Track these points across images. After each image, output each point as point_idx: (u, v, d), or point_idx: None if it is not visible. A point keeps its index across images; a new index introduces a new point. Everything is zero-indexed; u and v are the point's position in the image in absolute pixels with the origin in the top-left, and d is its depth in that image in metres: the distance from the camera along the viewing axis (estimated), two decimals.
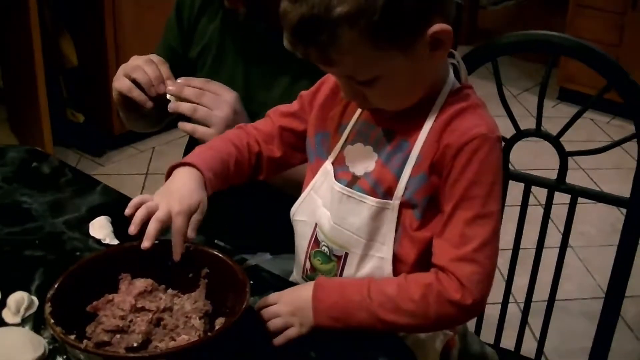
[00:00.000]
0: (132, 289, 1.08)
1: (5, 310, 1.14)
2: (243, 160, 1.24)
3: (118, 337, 1.04)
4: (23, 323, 1.13)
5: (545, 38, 1.47)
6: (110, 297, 1.08)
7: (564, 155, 1.52)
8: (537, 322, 1.66)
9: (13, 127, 3.40)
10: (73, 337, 0.99)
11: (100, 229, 1.34)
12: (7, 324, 1.13)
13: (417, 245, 1.12)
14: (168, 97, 1.40)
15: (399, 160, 1.11)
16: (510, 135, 1.52)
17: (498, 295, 1.63)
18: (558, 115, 3.75)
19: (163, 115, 1.46)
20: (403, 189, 1.10)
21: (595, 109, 3.89)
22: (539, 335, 1.63)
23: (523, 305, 1.63)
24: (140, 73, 1.40)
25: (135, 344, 1.03)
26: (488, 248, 1.07)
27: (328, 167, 1.19)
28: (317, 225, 1.19)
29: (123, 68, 1.43)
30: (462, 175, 1.06)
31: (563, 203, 1.54)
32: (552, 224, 1.60)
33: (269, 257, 1.52)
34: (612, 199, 1.52)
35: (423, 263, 1.12)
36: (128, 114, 1.53)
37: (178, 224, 1.09)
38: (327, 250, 1.18)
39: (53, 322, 0.98)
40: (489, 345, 1.53)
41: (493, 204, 1.08)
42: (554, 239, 1.59)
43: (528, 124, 1.54)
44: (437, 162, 1.08)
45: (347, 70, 1.06)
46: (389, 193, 1.11)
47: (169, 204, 1.10)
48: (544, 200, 1.55)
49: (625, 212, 1.47)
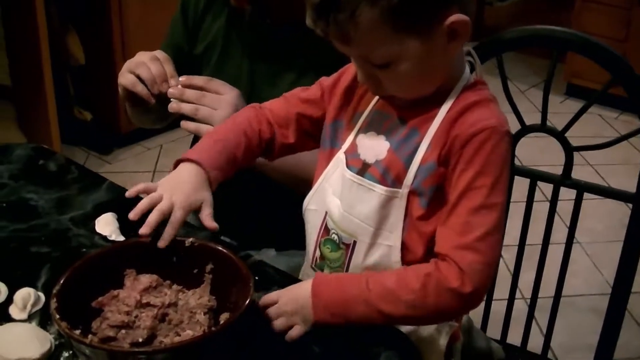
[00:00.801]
0: (137, 285, 1.09)
1: (12, 307, 1.15)
2: (252, 148, 1.25)
3: (123, 332, 1.04)
4: (29, 319, 1.14)
5: (550, 33, 1.47)
6: (116, 292, 1.09)
7: (570, 151, 1.51)
8: (543, 317, 1.66)
9: (21, 125, 3.41)
10: (78, 332, 0.99)
11: (106, 226, 1.34)
12: (13, 320, 1.13)
13: (423, 237, 1.13)
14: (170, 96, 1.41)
15: (409, 149, 1.12)
16: (516, 131, 1.52)
17: (504, 291, 1.63)
18: (565, 111, 3.74)
19: (167, 112, 1.46)
20: (412, 178, 1.11)
21: (603, 105, 3.88)
22: (546, 331, 1.63)
23: (529, 301, 1.63)
24: (144, 70, 1.40)
25: (141, 339, 1.03)
26: (491, 238, 1.07)
27: (341, 156, 1.20)
28: (327, 214, 1.21)
29: (128, 63, 1.43)
30: (469, 165, 1.07)
31: (569, 199, 1.54)
32: (559, 220, 1.60)
33: (274, 253, 1.53)
34: (618, 194, 1.52)
35: (431, 250, 1.12)
36: (133, 109, 1.53)
37: (177, 217, 1.12)
38: (336, 238, 1.19)
39: (58, 317, 0.99)
40: (495, 341, 1.53)
41: (498, 196, 1.08)
42: (561, 235, 1.59)
43: (535, 120, 1.54)
44: (446, 152, 1.09)
45: (363, 50, 1.08)
46: (398, 181, 1.12)
47: (172, 198, 1.13)
48: (550, 196, 1.55)
49: (632, 207, 1.47)
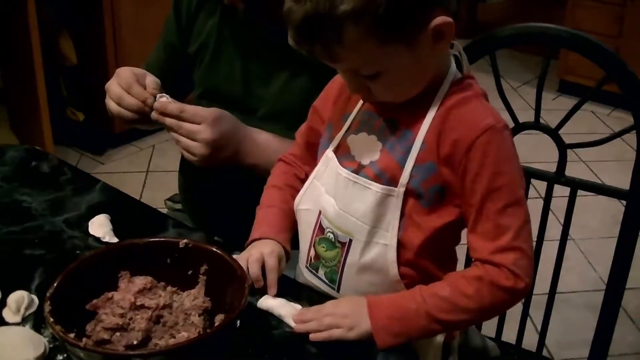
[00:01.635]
0: (131, 287, 1.09)
1: (6, 310, 1.14)
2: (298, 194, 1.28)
3: (118, 334, 1.04)
4: (23, 322, 1.13)
5: (543, 30, 1.47)
6: (110, 295, 1.08)
7: (563, 148, 1.51)
8: (538, 314, 1.66)
9: (13, 126, 3.40)
10: (73, 335, 0.98)
11: (100, 227, 1.34)
12: (7, 323, 1.13)
13: (424, 232, 1.13)
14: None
15: (403, 149, 1.12)
16: (510, 129, 1.52)
17: None
18: (558, 108, 3.74)
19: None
20: (408, 177, 1.11)
21: (596, 101, 3.88)
22: (541, 328, 1.63)
23: (524, 298, 1.63)
24: (125, 103, 1.40)
25: (135, 342, 1.03)
26: (524, 232, 1.10)
27: (329, 154, 1.21)
28: (321, 212, 1.21)
29: (108, 91, 1.43)
30: (482, 169, 1.08)
31: (563, 196, 1.54)
32: (553, 217, 1.60)
33: None
34: (611, 191, 1.52)
35: (427, 249, 1.14)
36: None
37: (271, 263, 1.18)
38: (332, 237, 1.19)
39: (52, 320, 0.98)
40: (490, 339, 1.53)
41: (519, 190, 1.11)
42: (555, 232, 1.59)
43: (528, 117, 1.54)
44: (448, 155, 1.10)
45: (352, 65, 1.08)
46: (394, 180, 1.12)
47: (261, 249, 1.20)
48: (544, 193, 1.55)
49: (625, 204, 1.47)
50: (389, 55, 1.05)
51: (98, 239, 1.31)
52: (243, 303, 1.01)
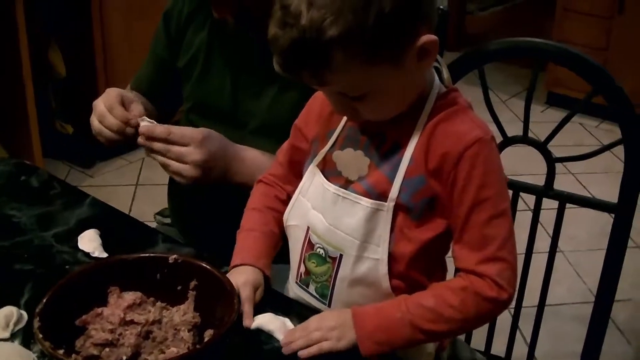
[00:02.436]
0: (121, 302, 1.08)
1: None
2: (280, 217, 1.27)
3: (107, 350, 1.04)
4: (12, 338, 1.13)
5: (530, 45, 1.48)
6: (99, 310, 1.08)
7: (551, 162, 1.52)
8: (528, 327, 1.67)
9: (2, 139, 3.38)
10: (62, 351, 0.98)
11: (89, 242, 1.33)
12: None
13: (414, 245, 1.14)
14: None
15: (391, 164, 1.13)
16: (498, 142, 1.53)
17: None
18: (547, 120, 3.72)
19: None
20: (397, 191, 1.12)
21: (584, 113, 3.90)
22: (530, 340, 1.64)
23: (513, 311, 1.63)
24: (106, 122, 1.40)
25: (125, 357, 1.03)
26: (509, 243, 1.11)
27: (313, 170, 1.21)
28: (309, 228, 1.20)
29: (94, 108, 1.43)
30: (469, 181, 1.09)
31: (552, 208, 1.54)
32: (542, 229, 1.61)
33: None
34: (599, 204, 1.53)
35: (418, 261, 1.14)
36: None
37: (244, 295, 1.16)
38: (322, 252, 1.18)
39: (42, 336, 0.98)
40: (479, 352, 1.53)
41: (504, 202, 1.12)
42: (545, 244, 1.60)
43: (517, 129, 1.55)
44: (436, 169, 1.10)
45: (339, 88, 1.08)
46: (383, 195, 1.13)
47: (236, 279, 1.16)
48: (533, 206, 1.55)
49: (614, 217, 1.48)
50: (376, 76, 1.05)
51: (87, 254, 1.31)
52: (232, 318, 1.01)
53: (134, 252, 1.17)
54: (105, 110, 1.40)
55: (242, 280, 1.17)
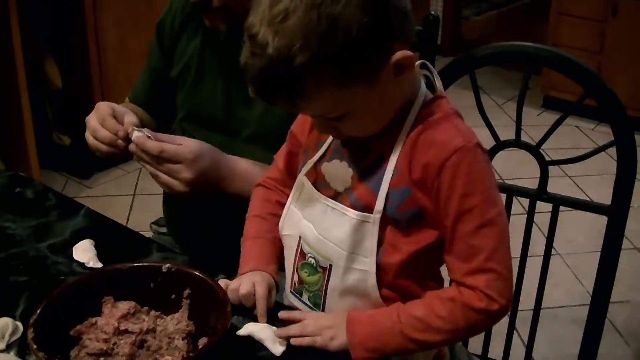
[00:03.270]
0: (115, 312, 1.09)
1: None
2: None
3: None
4: (8, 349, 1.12)
5: (522, 49, 1.48)
6: (94, 320, 1.08)
7: (544, 165, 1.52)
8: (525, 330, 1.67)
9: None
10: None
11: (84, 253, 1.33)
12: None
13: (402, 255, 1.12)
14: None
15: (376, 176, 1.12)
16: (491, 147, 1.53)
17: None
18: (542, 124, 3.76)
19: None
20: (382, 203, 1.10)
21: (580, 116, 3.91)
22: (527, 343, 1.64)
23: (510, 314, 1.63)
24: (100, 134, 1.40)
25: None
26: (498, 253, 1.08)
27: (301, 179, 1.21)
28: (301, 238, 1.20)
29: (87, 124, 1.44)
30: (452, 191, 1.07)
31: (547, 211, 1.55)
32: (538, 232, 1.61)
33: None
34: (593, 207, 1.53)
35: (408, 271, 1.13)
36: None
37: (260, 291, 1.17)
38: (313, 262, 1.18)
39: (36, 347, 0.98)
40: (477, 356, 1.54)
41: (492, 210, 1.08)
42: (541, 247, 1.60)
43: (512, 133, 1.55)
44: (420, 180, 1.09)
45: (316, 112, 1.08)
46: (369, 207, 1.12)
47: (252, 278, 1.19)
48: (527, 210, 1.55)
49: (607, 219, 1.48)
50: (352, 97, 1.04)
51: (82, 265, 1.31)
52: (226, 326, 1.02)
53: (129, 261, 1.17)
54: (98, 125, 1.41)
55: (258, 279, 1.19)
